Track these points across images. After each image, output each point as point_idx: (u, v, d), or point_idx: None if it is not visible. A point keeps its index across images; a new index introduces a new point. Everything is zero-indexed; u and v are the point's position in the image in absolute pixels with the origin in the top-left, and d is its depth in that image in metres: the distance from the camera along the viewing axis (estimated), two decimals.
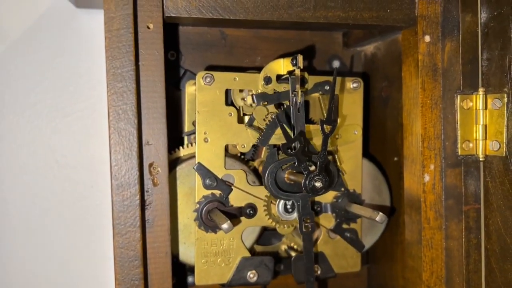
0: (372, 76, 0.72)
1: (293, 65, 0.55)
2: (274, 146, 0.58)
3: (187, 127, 0.64)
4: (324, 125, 0.53)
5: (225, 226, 0.50)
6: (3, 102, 0.68)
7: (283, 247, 0.65)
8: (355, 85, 0.61)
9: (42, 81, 0.68)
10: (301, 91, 0.55)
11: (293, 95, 0.54)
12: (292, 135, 0.54)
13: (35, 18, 0.67)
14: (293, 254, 0.62)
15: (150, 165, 0.48)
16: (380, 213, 0.55)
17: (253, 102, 0.57)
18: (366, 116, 0.73)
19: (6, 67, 0.67)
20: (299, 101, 0.54)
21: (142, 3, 0.47)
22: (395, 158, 0.66)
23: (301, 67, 0.54)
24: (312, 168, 0.54)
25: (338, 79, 0.60)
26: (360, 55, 0.73)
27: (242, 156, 0.61)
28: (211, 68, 0.66)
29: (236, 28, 0.66)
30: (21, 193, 0.69)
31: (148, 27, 0.47)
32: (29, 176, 0.69)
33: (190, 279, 0.62)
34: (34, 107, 0.68)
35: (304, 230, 0.54)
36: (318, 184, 0.50)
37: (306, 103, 0.65)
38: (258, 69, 0.58)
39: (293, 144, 0.54)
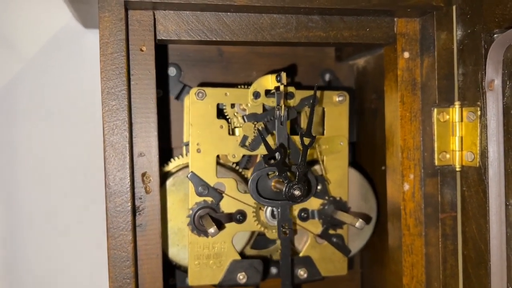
0: (363, 89, 0.75)
1: (278, 81, 0.59)
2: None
3: (185, 137, 0.68)
4: (304, 138, 0.56)
5: (211, 230, 0.54)
6: (18, 114, 0.74)
7: (277, 250, 0.69)
8: (340, 98, 0.64)
9: (54, 96, 0.74)
10: (286, 106, 0.59)
11: (277, 109, 0.58)
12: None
13: (48, 39, 0.73)
14: None
15: (143, 174, 0.52)
16: (360, 219, 0.58)
17: (244, 121, 0.61)
18: (358, 127, 0.76)
19: (22, 83, 0.74)
20: (282, 115, 0.58)
21: (135, 28, 0.52)
22: (383, 167, 0.69)
23: (285, 84, 0.58)
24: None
25: (325, 92, 0.64)
26: (353, 68, 0.76)
27: (236, 166, 0.65)
28: (207, 83, 0.70)
29: (231, 45, 0.71)
30: (33, 198, 0.75)
31: (141, 50, 0.52)
32: (41, 181, 0.75)
33: (188, 280, 0.67)
34: (46, 120, 0.74)
35: (282, 235, 0.58)
36: (297, 192, 0.54)
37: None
38: (251, 84, 0.62)
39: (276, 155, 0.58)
